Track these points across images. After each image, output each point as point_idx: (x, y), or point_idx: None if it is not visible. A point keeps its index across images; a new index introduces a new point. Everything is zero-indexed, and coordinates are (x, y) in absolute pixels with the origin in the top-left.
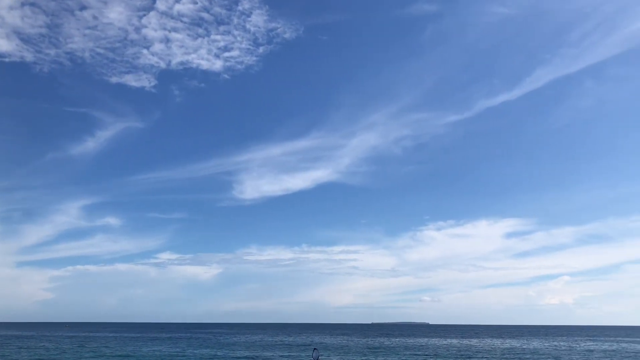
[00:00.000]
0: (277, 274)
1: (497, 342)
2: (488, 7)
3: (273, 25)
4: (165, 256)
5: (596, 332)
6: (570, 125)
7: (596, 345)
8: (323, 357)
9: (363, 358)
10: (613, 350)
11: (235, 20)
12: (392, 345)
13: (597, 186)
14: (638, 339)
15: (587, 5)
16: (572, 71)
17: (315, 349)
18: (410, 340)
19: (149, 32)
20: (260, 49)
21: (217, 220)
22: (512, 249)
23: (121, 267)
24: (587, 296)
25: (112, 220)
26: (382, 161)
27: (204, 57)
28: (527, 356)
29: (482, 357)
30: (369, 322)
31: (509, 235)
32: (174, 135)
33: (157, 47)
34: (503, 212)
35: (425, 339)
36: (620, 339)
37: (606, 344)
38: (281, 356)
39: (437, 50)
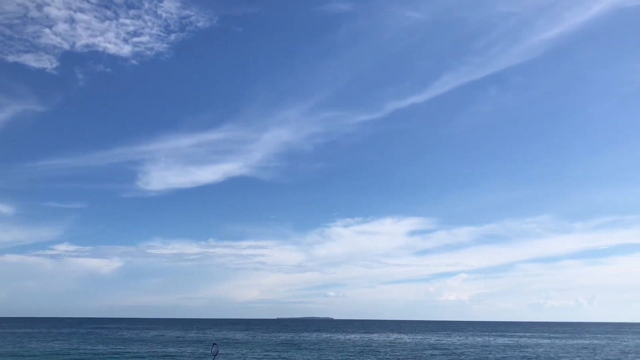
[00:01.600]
0: (182, 269)
1: (397, 337)
2: (401, 11)
3: (186, 12)
4: (62, 248)
5: (490, 327)
6: (473, 130)
7: (491, 339)
8: (225, 352)
9: (264, 353)
10: (506, 345)
11: (147, 5)
12: (296, 341)
13: (495, 189)
14: (529, 334)
15: (492, 16)
16: (476, 78)
17: (214, 343)
18: (314, 335)
19: (52, 11)
20: (172, 37)
21: (120, 211)
22: (415, 246)
23: (12, 258)
24: (482, 293)
25: (2, 209)
26: (294, 157)
27: (112, 41)
28: (428, 351)
29: (384, 352)
30: (274, 318)
31: (412, 233)
32: (76, 121)
33: (61, 27)
34: (407, 210)
35: (328, 334)
36: (512, 333)
37: (501, 338)
38: (179, 352)
39: (350, 50)
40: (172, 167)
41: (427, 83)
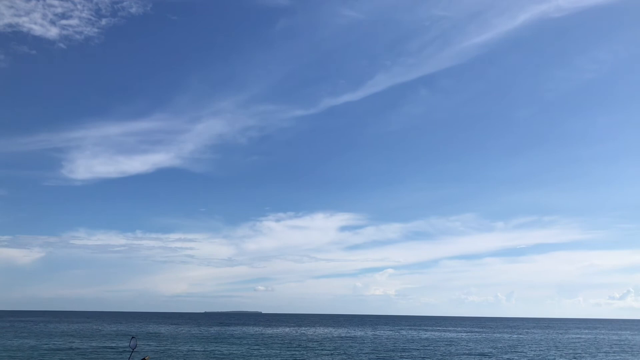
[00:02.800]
0: (108, 260)
1: (325, 331)
2: (338, 9)
3: None
4: None
5: (414, 322)
6: (404, 130)
7: (417, 333)
8: (147, 346)
9: (188, 347)
10: (427, 339)
11: None
12: (223, 335)
13: (423, 187)
14: (451, 328)
15: (426, 19)
16: (409, 79)
17: (132, 337)
18: (241, 329)
19: None
20: (103, 21)
21: (42, 200)
22: (345, 241)
23: None
24: (407, 288)
25: None
26: (227, 150)
27: (37, 22)
28: (355, 344)
29: (311, 346)
30: (202, 311)
31: (343, 228)
32: None
33: None
34: (339, 206)
35: (256, 328)
36: (434, 327)
37: (424, 332)
38: (97, 346)
39: (287, 45)
40: (99, 155)
41: (362, 82)
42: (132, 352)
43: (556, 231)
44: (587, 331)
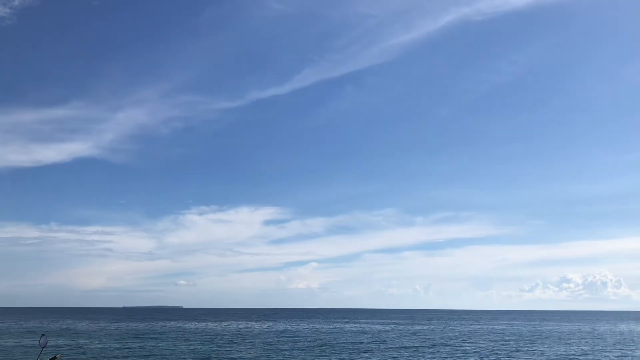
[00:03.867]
0: (19, 254)
1: (247, 325)
2: (266, 1)
3: None
4: None
5: (337, 314)
6: (329, 125)
7: (339, 325)
8: (60, 343)
9: (104, 344)
10: (355, 331)
11: None
12: (141, 330)
13: (347, 182)
14: (375, 320)
15: (353, 15)
16: (336, 75)
17: (43, 334)
18: (161, 324)
19: None
20: (16, 1)
21: None
22: (270, 235)
23: None
24: (331, 281)
25: None
26: (149, 140)
27: None
28: (280, 338)
29: (234, 340)
30: (120, 306)
31: (268, 222)
32: None
33: None
34: (264, 200)
35: (177, 323)
36: (358, 320)
37: (348, 324)
38: (4, 345)
39: (213, 35)
40: (10, 143)
41: (289, 76)
42: (42, 350)
43: (472, 226)
44: (502, 322)
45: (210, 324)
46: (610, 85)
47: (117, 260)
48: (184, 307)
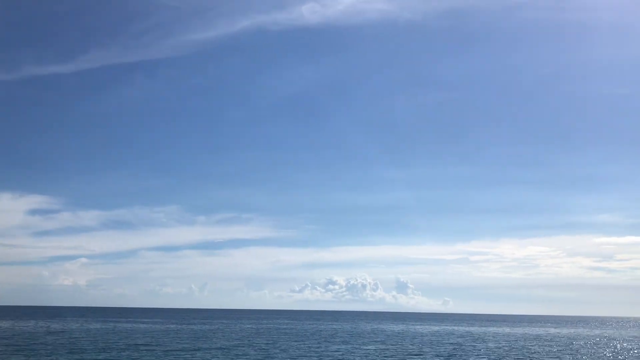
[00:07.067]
0: None
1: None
2: None
3: None
4: None
5: (106, 313)
6: (115, 113)
7: (103, 326)
8: None
9: None
10: (128, 330)
11: None
12: None
13: (130, 175)
14: (146, 320)
15: (152, 3)
16: (126, 61)
17: None
18: None
19: None
20: None
21: None
22: (34, 226)
23: None
24: (101, 278)
25: None
26: None
27: None
28: (47, 337)
29: None
30: None
31: (33, 212)
32: None
33: None
34: (30, 187)
35: None
36: (128, 319)
37: (120, 324)
38: None
39: None
40: None
41: (73, 55)
42: None
43: (252, 228)
44: (270, 321)
45: None
46: (384, 108)
47: None
48: None
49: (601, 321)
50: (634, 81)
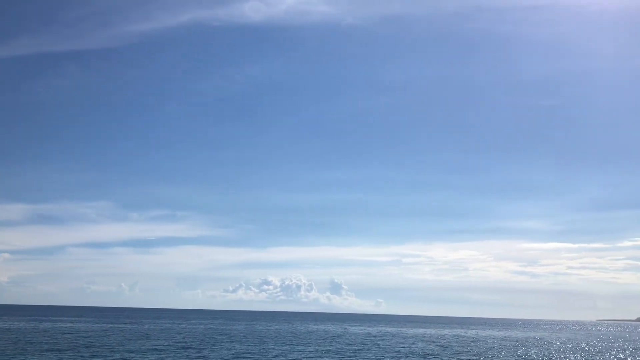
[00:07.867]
0: None
1: None
2: None
3: None
4: None
5: (29, 312)
6: (44, 102)
7: (32, 325)
8: None
9: None
10: (49, 330)
11: None
12: None
13: (59, 168)
14: (73, 319)
15: None
16: (58, 50)
17: None
18: None
19: None
20: None
21: None
22: None
23: None
24: (24, 275)
25: None
26: None
27: None
28: None
29: None
30: None
31: None
32: None
33: None
34: None
35: None
36: (56, 318)
37: (42, 323)
38: None
39: None
40: None
41: (2, 40)
42: None
43: (187, 226)
44: (207, 321)
45: None
46: (323, 110)
47: None
48: None
49: (527, 324)
50: (560, 93)
